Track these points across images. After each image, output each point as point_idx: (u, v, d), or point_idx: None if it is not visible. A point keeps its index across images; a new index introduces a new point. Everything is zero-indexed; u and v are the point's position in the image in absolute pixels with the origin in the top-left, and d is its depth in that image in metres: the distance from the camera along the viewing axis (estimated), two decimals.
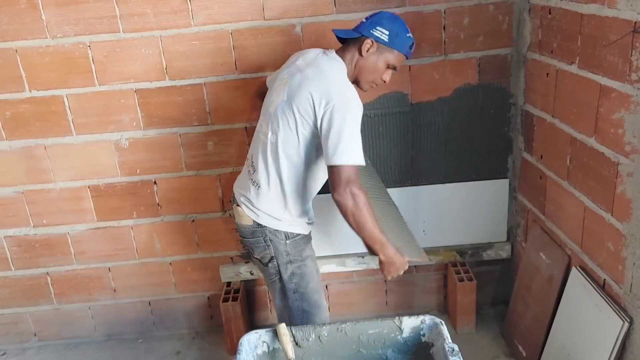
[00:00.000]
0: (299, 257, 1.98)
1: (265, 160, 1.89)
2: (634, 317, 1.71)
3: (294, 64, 1.94)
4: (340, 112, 1.72)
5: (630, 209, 1.68)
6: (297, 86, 1.81)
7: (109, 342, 2.86)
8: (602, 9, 1.74)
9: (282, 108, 1.83)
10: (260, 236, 1.95)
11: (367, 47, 1.87)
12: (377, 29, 1.87)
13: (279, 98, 1.87)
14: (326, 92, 1.75)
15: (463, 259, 2.69)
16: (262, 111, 2.00)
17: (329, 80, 1.79)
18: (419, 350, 1.71)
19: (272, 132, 1.86)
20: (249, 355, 1.66)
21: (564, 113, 2.07)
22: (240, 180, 2.05)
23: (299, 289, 2.00)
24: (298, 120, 1.79)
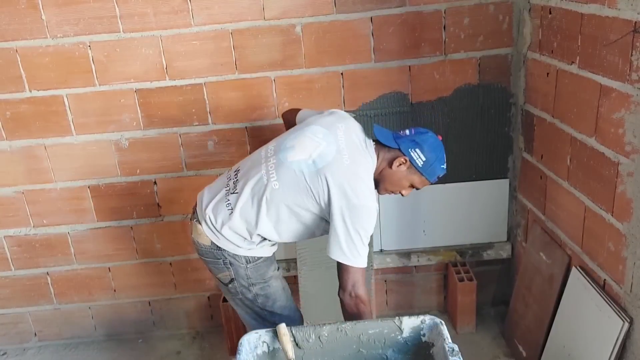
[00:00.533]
0: (261, 279, 1.90)
1: (254, 194, 1.78)
2: (634, 317, 1.71)
3: (335, 133, 1.81)
4: (361, 217, 1.70)
5: (631, 209, 1.68)
6: (328, 161, 1.74)
7: (109, 342, 2.86)
8: (602, 9, 1.74)
9: (303, 170, 1.74)
10: (220, 258, 1.86)
11: (398, 164, 1.81)
12: (415, 150, 1.80)
13: (305, 154, 1.77)
14: (345, 194, 1.70)
15: (463, 259, 2.69)
16: (277, 143, 1.87)
17: (357, 182, 1.73)
18: (419, 350, 1.71)
19: (278, 181, 1.76)
20: (249, 355, 1.66)
21: (564, 113, 2.07)
22: (210, 194, 1.89)
23: (266, 308, 1.93)
24: (311, 194, 1.74)
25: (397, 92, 2.46)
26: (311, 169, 1.74)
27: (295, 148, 1.80)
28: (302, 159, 1.76)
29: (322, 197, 1.73)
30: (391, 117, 2.48)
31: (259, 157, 1.87)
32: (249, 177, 1.81)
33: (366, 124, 2.49)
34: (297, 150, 1.79)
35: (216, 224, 1.82)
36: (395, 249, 2.69)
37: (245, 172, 1.85)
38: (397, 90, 2.45)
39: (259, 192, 1.77)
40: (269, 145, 1.91)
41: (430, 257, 2.68)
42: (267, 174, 1.78)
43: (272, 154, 1.84)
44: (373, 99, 2.47)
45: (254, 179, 1.79)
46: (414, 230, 2.66)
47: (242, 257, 1.85)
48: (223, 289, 1.98)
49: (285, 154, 1.80)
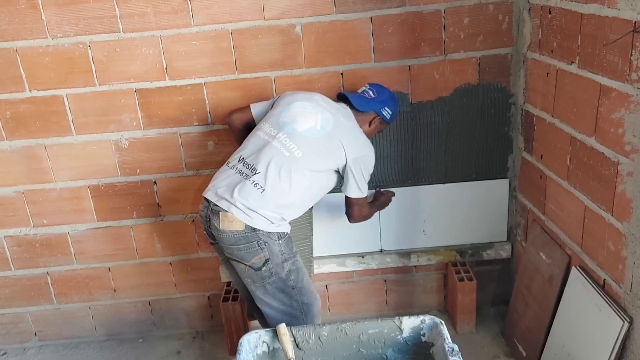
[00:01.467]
0: (291, 253, 2.06)
1: (279, 167, 1.97)
2: (634, 317, 1.71)
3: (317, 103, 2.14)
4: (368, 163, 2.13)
5: (630, 209, 1.68)
6: (332, 125, 2.07)
7: (109, 342, 2.86)
8: (602, 9, 1.74)
9: (317, 138, 2.03)
10: (254, 240, 1.96)
11: (376, 123, 2.24)
12: (385, 109, 2.23)
13: (310, 123, 2.06)
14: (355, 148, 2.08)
15: (463, 259, 2.69)
16: (273, 120, 2.10)
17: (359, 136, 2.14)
18: (419, 350, 1.71)
19: (299, 149, 2.00)
20: (249, 355, 1.66)
21: (564, 113, 2.07)
22: (227, 184, 1.99)
23: (297, 284, 2.06)
24: (330, 156, 2.04)
25: (397, 91, 2.46)
26: (322, 134, 2.04)
27: (297, 121, 2.06)
28: (311, 127, 2.05)
29: (339, 155, 2.04)
30: None
31: (261, 139, 2.06)
32: (267, 156, 1.99)
33: None
34: (301, 121, 2.06)
35: (250, 205, 1.94)
36: (395, 248, 2.69)
37: (257, 154, 2.01)
38: (397, 90, 2.45)
39: (286, 164, 1.98)
40: (263, 128, 2.10)
41: (430, 257, 2.68)
42: (284, 147, 2.00)
43: (276, 131, 2.05)
44: None
45: (273, 155, 1.99)
46: (414, 230, 2.67)
47: (274, 234, 2.00)
48: (254, 276, 2.03)
49: (292, 127, 2.05)
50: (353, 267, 2.69)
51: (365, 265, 2.69)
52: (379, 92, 2.24)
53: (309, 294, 2.11)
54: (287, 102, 2.15)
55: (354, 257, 2.68)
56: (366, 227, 2.63)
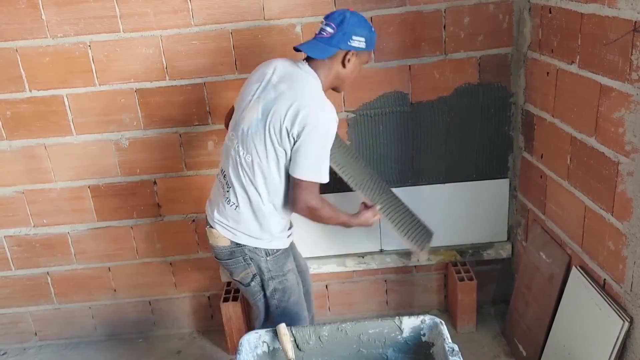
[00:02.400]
0: (281, 272, 1.95)
1: (240, 179, 1.84)
2: (634, 317, 1.71)
3: (266, 80, 1.85)
4: (315, 132, 1.75)
5: (631, 208, 1.68)
6: (272, 104, 1.77)
7: (110, 342, 2.86)
8: (602, 9, 1.74)
9: (257, 126, 1.78)
10: (240, 256, 1.90)
11: (347, 59, 1.86)
12: (353, 39, 1.82)
13: (253, 115, 1.81)
14: (301, 111, 1.73)
15: (463, 259, 2.69)
16: (232, 125, 1.91)
17: (305, 99, 1.76)
18: (419, 350, 1.71)
19: (247, 152, 1.81)
20: (249, 355, 1.66)
21: (564, 112, 2.07)
22: (214, 198, 1.97)
23: (280, 304, 1.98)
24: (274, 138, 1.77)
25: (397, 91, 2.46)
26: (260, 122, 1.78)
27: (244, 117, 1.84)
28: (253, 120, 1.80)
29: (283, 133, 1.75)
30: (391, 116, 2.48)
31: (226, 148, 1.93)
32: (231, 168, 1.87)
33: (366, 123, 2.49)
34: (247, 117, 1.83)
35: (229, 224, 1.88)
36: (395, 249, 2.69)
37: (227, 166, 1.90)
38: (397, 90, 2.45)
39: (241, 175, 1.84)
40: (228, 134, 1.95)
41: (430, 257, 2.68)
42: (238, 155, 1.85)
43: (233, 137, 1.89)
44: (373, 98, 2.47)
45: (234, 167, 1.86)
46: None
47: (262, 250, 1.90)
48: (244, 290, 2.01)
49: (241, 128, 1.84)
50: (353, 267, 2.69)
51: (366, 265, 2.69)
52: (338, 23, 1.82)
53: (292, 316, 1.99)
54: (243, 90, 1.93)
55: (354, 257, 2.68)
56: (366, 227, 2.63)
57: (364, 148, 2.53)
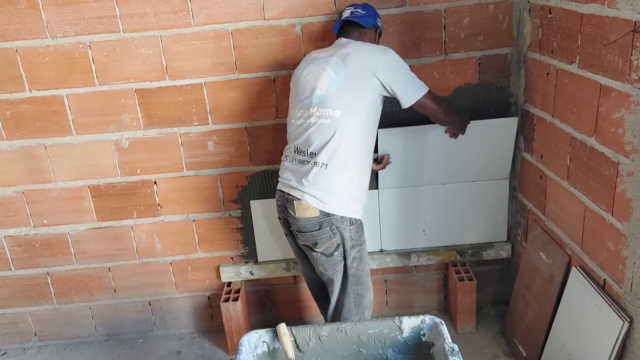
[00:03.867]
0: (360, 241, 2.10)
1: (329, 139, 1.98)
2: (634, 317, 1.71)
3: (319, 57, 2.11)
4: (397, 65, 2.05)
5: (631, 209, 1.68)
6: (350, 63, 2.01)
7: (110, 342, 2.86)
8: (602, 9, 1.74)
9: (339, 86, 2.00)
10: (327, 226, 2.01)
11: (379, 32, 2.24)
12: (377, 20, 2.20)
13: (328, 79, 2.03)
14: (379, 59, 2.02)
15: (463, 259, 2.69)
16: (301, 104, 2.09)
17: (374, 52, 2.06)
18: (419, 350, 1.71)
19: (335, 109, 1.99)
20: (249, 355, 1.66)
21: (564, 113, 2.07)
22: (292, 174, 2.06)
23: (357, 273, 2.10)
24: (363, 89, 2.00)
25: None
26: (342, 78, 2.01)
27: (315, 87, 2.05)
28: (329, 81, 2.03)
29: (370, 80, 2.00)
30: (391, 116, 2.48)
31: (300, 125, 2.07)
32: (314, 135, 2.01)
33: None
34: (318, 86, 2.05)
35: (321, 189, 1.99)
36: (395, 248, 2.69)
37: (306, 138, 2.03)
38: None
39: (332, 131, 1.98)
40: (295, 114, 2.11)
41: (430, 257, 2.68)
42: (323, 117, 2.01)
43: (306, 110, 2.06)
44: None
45: (318, 131, 2.00)
46: (414, 230, 2.66)
47: (346, 219, 2.03)
48: (325, 262, 2.08)
49: (315, 95, 2.04)
50: None
51: None
52: (364, 8, 2.19)
53: (363, 285, 2.14)
54: (296, 80, 2.17)
55: None
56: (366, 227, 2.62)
57: None
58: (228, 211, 2.64)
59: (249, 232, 2.66)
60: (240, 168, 2.57)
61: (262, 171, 2.58)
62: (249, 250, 2.71)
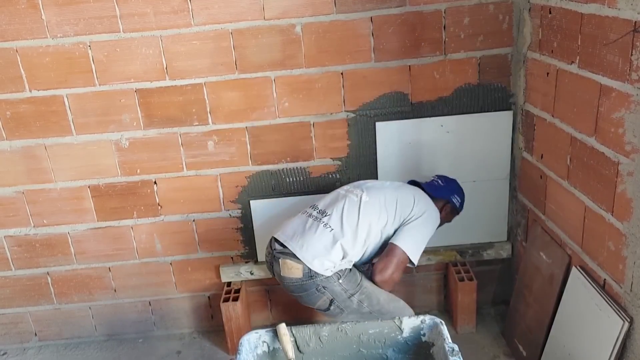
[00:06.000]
0: (356, 286, 2.07)
1: (348, 209, 2.08)
2: (634, 317, 1.71)
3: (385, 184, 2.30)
4: (428, 221, 2.15)
5: (631, 209, 1.68)
6: (403, 188, 2.23)
7: (110, 342, 2.86)
8: (602, 9, 1.74)
9: (385, 188, 2.20)
10: (312, 287, 2.01)
11: (447, 210, 2.34)
12: (455, 197, 2.35)
13: (383, 184, 2.26)
14: (425, 205, 2.17)
15: (463, 259, 2.69)
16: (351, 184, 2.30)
17: (428, 202, 2.22)
18: (419, 350, 1.71)
19: (368, 195, 2.12)
20: (249, 355, 1.66)
21: (564, 113, 2.07)
22: (296, 223, 2.12)
23: (374, 309, 2.07)
24: (398, 203, 2.13)
25: (397, 91, 2.46)
26: (393, 186, 2.23)
27: (373, 185, 2.24)
28: (382, 183, 2.28)
29: (407, 204, 2.13)
30: (391, 117, 2.49)
31: (338, 193, 2.21)
32: (339, 203, 2.13)
33: (366, 123, 2.49)
34: (374, 183, 2.27)
35: (316, 247, 2.01)
36: None
37: (331, 203, 2.15)
38: (397, 90, 2.46)
39: (353, 206, 2.09)
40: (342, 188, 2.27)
41: (430, 257, 2.68)
42: (355, 195, 2.14)
43: (352, 188, 2.23)
44: (373, 98, 2.47)
45: (344, 201, 2.12)
46: None
47: (332, 277, 2.03)
48: (327, 314, 2.10)
49: (367, 185, 2.23)
50: None
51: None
52: (446, 182, 2.37)
53: (390, 311, 2.09)
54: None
55: None
56: None
57: (364, 148, 2.53)
58: (228, 211, 2.64)
59: (249, 232, 2.66)
60: (240, 168, 2.57)
61: (262, 171, 2.58)
62: (249, 250, 2.71)
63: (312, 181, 2.59)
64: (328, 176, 2.58)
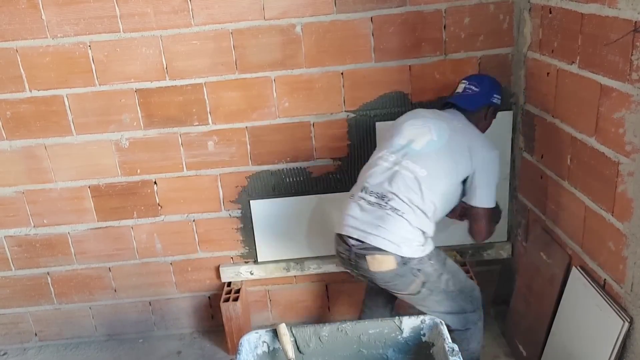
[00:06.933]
0: (443, 265, 2.04)
1: (411, 191, 1.95)
2: (634, 317, 1.71)
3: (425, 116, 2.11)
4: (496, 165, 2.07)
5: (631, 209, 1.68)
6: (455, 136, 2.03)
7: (110, 342, 2.86)
8: (603, 9, 1.74)
9: (437, 150, 2.00)
10: (408, 272, 1.94)
11: (490, 113, 2.20)
12: (494, 97, 2.18)
13: (428, 138, 2.02)
14: (483, 153, 2.04)
15: (464, 259, 2.69)
16: (392, 144, 2.06)
17: (483, 144, 2.07)
18: (419, 350, 1.71)
19: (423, 167, 1.97)
20: (249, 355, 1.66)
21: (565, 113, 2.07)
22: (362, 216, 1.97)
23: (456, 287, 2.06)
24: (455, 164, 2.00)
25: (398, 91, 2.46)
26: (441, 145, 2.01)
27: (414, 140, 2.04)
28: (429, 141, 2.02)
29: (465, 162, 2.01)
30: (392, 116, 2.48)
31: (383, 167, 2.03)
32: (395, 182, 1.97)
33: (367, 123, 2.49)
34: (417, 140, 2.04)
35: (396, 235, 1.92)
36: None
37: (384, 182, 1.99)
38: (397, 90, 2.45)
39: (414, 185, 1.96)
40: (383, 156, 2.06)
41: None
42: (408, 170, 1.98)
43: (396, 156, 2.03)
44: (373, 98, 2.47)
45: (401, 180, 1.96)
46: None
47: (425, 257, 1.97)
48: (416, 299, 2.04)
49: (410, 147, 2.02)
50: None
51: None
52: (479, 83, 2.18)
53: (467, 289, 2.10)
54: (397, 126, 2.14)
55: None
56: None
57: (364, 148, 2.53)
58: (228, 211, 2.64)
59: (249, 232, 2.66)
60: (240, 168, 2.57)
61: (262, 171, 2.58)
62: (249, 250, 2.71)
63: (312, 181, 2.59)
64: (328, 176, 2.58)
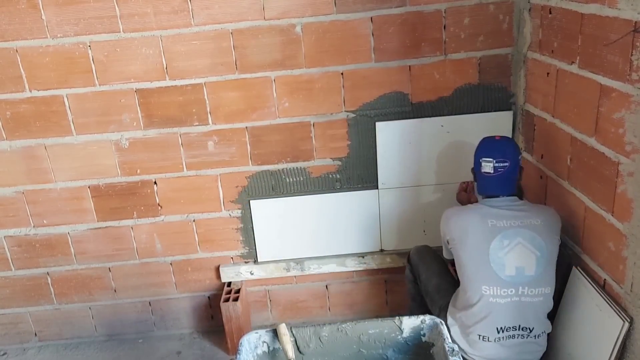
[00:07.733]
0: None
1: (546, 313, 1.97)
2: (634, 317, 1.71)
3: (514, 224, 1.97)
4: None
5: (631, 209, 1.68)
6: (543, 236, 1.96)
7: (110, 342, 2.86)
8: (603, 9, 1.74)
9: (546, 264, 1.94)
10: None
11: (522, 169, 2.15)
12: (518, 158, 2.09)
13: (535, 258, 1.93)
14: (558, 225, 2.02)
15: None
16: (496, 277, 1.94)
17: (553, 219, 2.02)
18: (419, 350, 1.71)
19: (547, 286, 1.94)
20: (249, 355, 1.66)
21: (565, 113, 2.07)
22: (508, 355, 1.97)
23: None
24: (556, 258, 1.98)
25: (398, 92, 2.46)
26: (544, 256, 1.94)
27: (524, 267, 1.95)
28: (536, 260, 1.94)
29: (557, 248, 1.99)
30: (391, 117, 2.49)
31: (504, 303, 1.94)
32: (530, 312, 1.94)
33: (366, 123, 2.49)
34: (527, 264, 1.95)
35: None
36: (395, 249, 2.69)
37: (517, 317, 1.94)
38: (397, 90, 2.45)
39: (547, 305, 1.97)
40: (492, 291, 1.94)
41: None
42: (537, 296, 1.93)
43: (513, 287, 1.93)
44: (373, 98, 2.47)
45: (533, 309, 1.94)
46: (414, 230, 2.66)
47: None
48: None
49: (524, 274, 1.94)
50: (353, 267, 2.69)
51: (366, 265, 2.69)
52: (504, 155, 2.06)
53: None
54: (478, 250, 1.97)
55: (354, 257, 2.68)
56: (366, 227, 2.63)
57: (364, 148, 2.53)
58: (228, 211, 2.64)
59: (249, 232, 2.66)
60: (240, 168, 2.57)
61: (262, 171, 2.58)
62: (249, 250, 2.71)
63: (312, 181, 2.59)
64: (328, 176, 2.58)
